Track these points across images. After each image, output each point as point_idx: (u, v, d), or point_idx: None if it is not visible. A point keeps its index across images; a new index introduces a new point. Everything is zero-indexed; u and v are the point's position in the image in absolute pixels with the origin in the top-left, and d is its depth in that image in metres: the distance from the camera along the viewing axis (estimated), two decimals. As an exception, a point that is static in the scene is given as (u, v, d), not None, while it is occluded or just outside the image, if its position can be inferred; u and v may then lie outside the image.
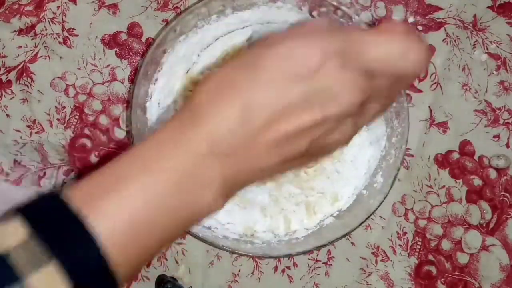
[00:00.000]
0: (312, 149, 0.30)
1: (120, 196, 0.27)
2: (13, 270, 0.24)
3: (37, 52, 0.59)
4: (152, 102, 0.55)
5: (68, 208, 0.26)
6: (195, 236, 0.51)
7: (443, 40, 0.60)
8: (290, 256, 0.56)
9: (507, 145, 0.59)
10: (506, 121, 0.59)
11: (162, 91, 0.56)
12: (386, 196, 0.52)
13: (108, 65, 0.59)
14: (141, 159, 0.29)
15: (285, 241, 0.54)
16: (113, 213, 0.26)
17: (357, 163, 0.56)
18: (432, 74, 0.60)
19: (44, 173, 0.58)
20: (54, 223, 0.26)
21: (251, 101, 0.28)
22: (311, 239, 0.54)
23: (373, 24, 0.54)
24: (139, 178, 0.28)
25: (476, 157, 0.59)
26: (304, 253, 0.53)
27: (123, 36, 0.60)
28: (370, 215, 0.52)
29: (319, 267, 0.58)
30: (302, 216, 0.56)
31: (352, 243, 0.59)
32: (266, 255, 0.53)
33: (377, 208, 0.52)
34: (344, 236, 0.52)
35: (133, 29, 0.60)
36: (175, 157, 0.28)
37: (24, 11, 0.59)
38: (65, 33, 0.59)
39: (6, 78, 0.59)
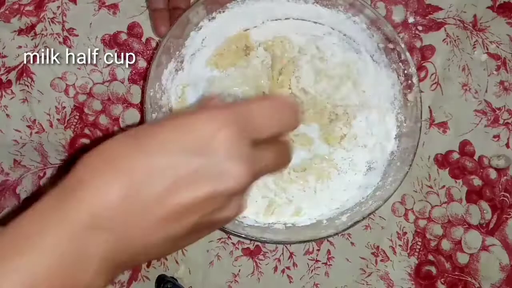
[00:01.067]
0: (200, 226, 0.29)
1: (10, 266, 0.26)
2: None
3: (37, 52, 0.59)
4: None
5: None
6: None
7: (443, 40, 0.60)
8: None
9: (507, 145, 0.59)
10: (506, 121, 0.59)
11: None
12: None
13: (108, 65, 0.59)
14: (17, 237, 0.27)
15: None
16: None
17: (334, 196, 0.56)
18: (432, 74, 0.60)
19: (44, 173, 0.58)
20: None
21: (137, 175, 0.27)
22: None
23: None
24: (14, 260, 0.26)
25: (476, 157, 0.59)
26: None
27: (123, 36, 0.60)
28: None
29: (319, 267, 0.58)
30: (259, 210, 0.55)
31: (352, 243, 0.59)
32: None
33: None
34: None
35: (133, 29, 0.60)
36: (53, 235, 0.26)
37: (24, 11, 0.59)
38: (65, 33, 0.59)
39: (6, 78, 0.59)
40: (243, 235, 0.52)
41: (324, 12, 0.56)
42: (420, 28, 0.60)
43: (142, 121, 0.59)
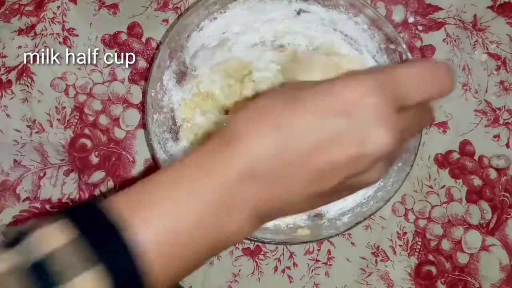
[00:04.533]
0: (342, 186, 0.30)
1: (160, 210, 0.28)
2: (57, 272, 0.24)
3: (37, 52, 0.59)
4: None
5: (110, 218, 0.27)
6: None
7: (443, 40, 0.60)
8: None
9: (507, 145, 0.59)
10: (506, 121, 0.59)
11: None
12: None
13: (108, 65, 0.59)
14: (177, 178, 0.29)
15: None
16: (155, 225, 0.27)
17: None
18: (432, 74, 0.60)
19: (44, 173, 0.58)
20: (99, 231, 0.26)
21: (290, 131, 0.28)
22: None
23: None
24: (177, 195, 0.28)
25: (476, 157, 0.59)
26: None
27: (123, 36, 0.60)
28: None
29: (319, 267, 0.58)
30: None
31: (352, 243, 0.59)
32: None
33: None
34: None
35: (133, 29, 0.60)
36: (207, 183, 0.28)
37: (24, 11, 0.59)
38: (65, 33, 0.59)
39: (6, 78, 0.59)
40: None
41: (324, 11, 0.56)
42: (420, 28, 0.60)
43: (142, 121, 0.59)
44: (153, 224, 0.27)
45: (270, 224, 0.55)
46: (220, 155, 0.29)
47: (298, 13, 0.57)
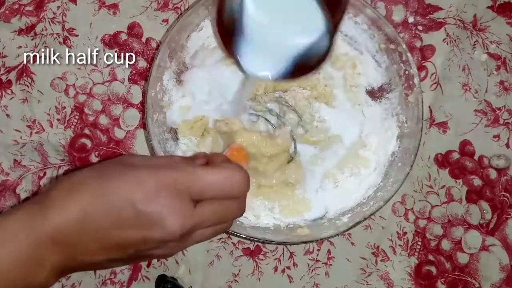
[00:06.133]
0: (135, 257, 0.36)
1: None
2: None
3: (37, 52, 0.59)
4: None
5: None
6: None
7: (443, 40, 0.60)
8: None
9: (507, 145, 0.59)
10: (506, 121, 0.59)
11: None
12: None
13: (108, 65, 0.59)
14: None
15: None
16: None
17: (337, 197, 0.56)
18: (432, 74, 0.60)
19: (44, 173, 0.58)
20: None
21: (91, 207, 0.34)
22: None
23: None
24: None
25: (476, 157, 0.59)
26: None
27: (123, 36, 0.60)
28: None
29: (319, 267, 0.58)
30: (260, 210, 0.56)
31: (352, 243, 0.59)
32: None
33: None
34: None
35: (133, 29, 0.60)
36: (21, 239, 0.33)
37: (24, 11, 0.59)
38: (65, 33, 0.59)
39: (6, 78, 0.59)
40: (243, 236, 0.52)
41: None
42: (420, 28, 0.60)
43: (142, 121, 0.59)
44: None
45: (270, 224, 0.55)
46: (35, 219, 0.34)
47: None
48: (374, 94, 0.57)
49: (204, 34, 0.56)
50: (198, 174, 0.36)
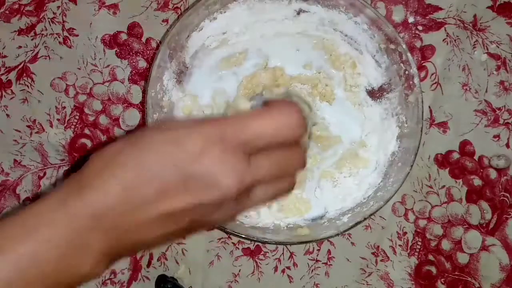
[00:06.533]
0: (192, 226, 0.32)
1: (12, 248, 0.29)
2: None
3: (37, 52, 0.59)
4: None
5: None
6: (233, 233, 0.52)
7: (443, 40, 0.60)
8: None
9: (507, 145, 0.59)
10: (506, 121, 0.59)
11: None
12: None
13: (108, 65, 0.59)
14: (24, 225, 0.30)
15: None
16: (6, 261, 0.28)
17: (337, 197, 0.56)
18: (432, 74, 0.60)
19: (44, 173, 0.58)
20: None
21: (134, 179, 0.30)
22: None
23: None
24: (17, 246, 0.29)
25: (476, 157, 0.59)
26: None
27: (123, 36, 0.60)
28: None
29: (319, 267, 0.58)
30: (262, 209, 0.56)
31: (352, 243, 0.59)
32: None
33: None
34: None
35: (133, 29, 0.60)
36: (58, 226, 0.30)
37: (24, 11, 0.59)
38: (65, 33, 0.59)
39: (6, 78, 0.59)
40: (243, 236, 0.52)
41: (324, 11, 0.56)
42: (420, 28, 0.60)
43: (142, 121, 0.59)
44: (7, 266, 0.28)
45: (270, 224, 0.55)
46: (71, 203, 0.30)
47: (298, 13, 0.57)
48: (374, 94, 0.57)
49: (204, 34, 0.56)
50: (247, 122, 0.31)
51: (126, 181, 0.30)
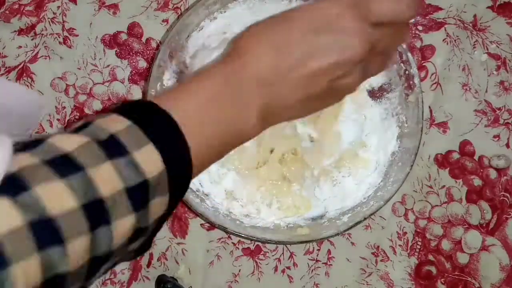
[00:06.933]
0: (328, 91, 0.36)
1: (187, 97, 0.34)
2: (122, 145, 0.29)
3: (37, 52, 0.59)
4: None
5: (156, 107, 0.32)
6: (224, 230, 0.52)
7: (443, 40, 0.60)
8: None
9: (507, 145, 0.59)
10: (506, 121, 0.59)
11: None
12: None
13: (108, 65, 0.59)
14: (200, 76, 0.36)
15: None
16: (185, 107, 0.33)
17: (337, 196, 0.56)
18: (432, 74, 0.60)
19: (44, 173, 0.58)
20: (147, 117, 0.32)
21: (284, 44, 0.35)
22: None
23: None
24: (198, 86, 0.35)
25: (476, 157, 0.59)
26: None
27: (123, 36, 0.60)
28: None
29: (319, 267, 0.58)
30: (261, 207, 0.56)
31: (352, 243, 0.59)
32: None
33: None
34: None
35: (133, 29, 0.60)
36: (225, 76, 0.35)
37: (24, 11, 0.59)
38: (65, 33, 0.59)
39: (6, 78, 0.59)
40: (244, 235, 0.52)
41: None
42: (420, 28, 0.60)
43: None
44: (187, 108, 0.33)
45: (270, 224, 0.55)
46: (234, 64, 0.35)
47: None
48: (374, 94, 0.57)
49: (205, 34, 0.56)
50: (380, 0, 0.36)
51: (278, 44, 0.35)
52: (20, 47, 0.59)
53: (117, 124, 0.30)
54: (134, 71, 0.59)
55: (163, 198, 0.31)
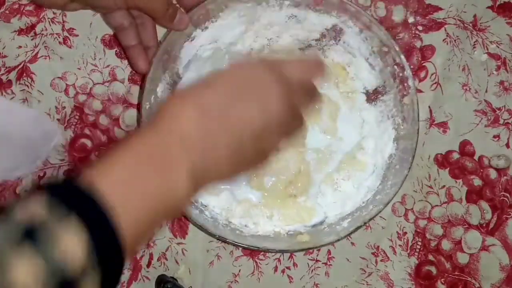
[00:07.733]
0: (254, 150, 0.38)
1: (116, 168, 0.33)
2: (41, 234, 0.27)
3: (37, 52, 0.59)
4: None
5: (81, 184, 0.31)
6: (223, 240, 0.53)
7: (443, 40, 0.60)
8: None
9: (507, 145, 0.59)
10: (506, 121, 0.59)
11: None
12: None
13: (108, 65, 0.59)
14: (126, 145, 0.34)
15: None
16: (112, 180, 0.32)
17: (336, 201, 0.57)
18: (432, 74, 0.60)
19: (44, 173, 0.58)
20: (71, 194, 0.30)
21: (209, 107, 0.36)
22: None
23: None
24: (129, 161, 0.34)
25: (476, 157, 0.59)
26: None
27: (123, 36, 0.60)
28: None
29: (319, 267, 0.58)
30: (260, 218, 0.56)
31: (352, 243, 0.59)
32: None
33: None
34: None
35: (133, 29, 0.59)
36: (149, 143, 0.35)
37: (24, 11, 0.59)
38: (65, 33, 0.59)
39: (6, 78, 0.59)
40: (244, 246, 0.52)
41: (315, 16, 0.56)
42: (420, 28, 0.60)
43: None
44: (114, 184, 0.32)
45: (270, 232, 0.55)
46: (158, 128, 0.36)
47: (290, 19, 0.57)
48: (369, 97, 0.58)
49: (197, 44, 0.56)
50: (286, 64, 0.40)
51: (203, 107, 0.36)
52: (20, 47, 0.59)
53: (37, 205, 0.29)
54: (134, 71, 0.59)
55: (94, 283, 0.29)
